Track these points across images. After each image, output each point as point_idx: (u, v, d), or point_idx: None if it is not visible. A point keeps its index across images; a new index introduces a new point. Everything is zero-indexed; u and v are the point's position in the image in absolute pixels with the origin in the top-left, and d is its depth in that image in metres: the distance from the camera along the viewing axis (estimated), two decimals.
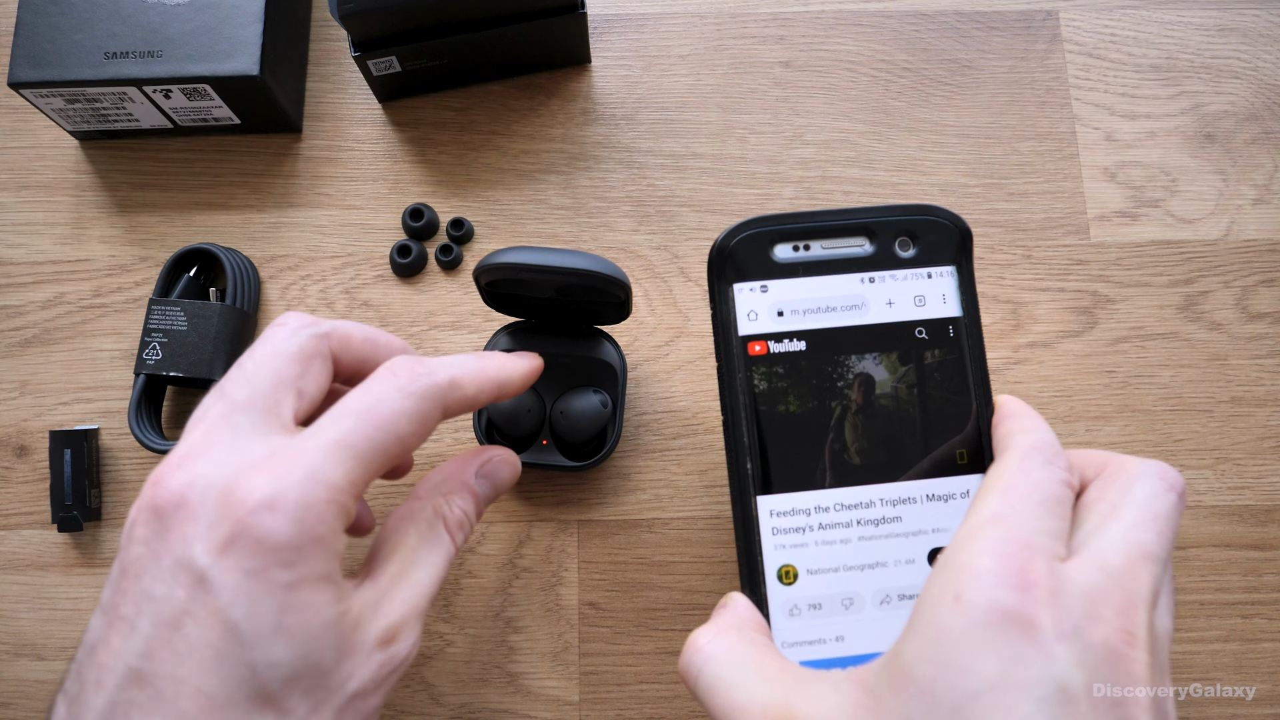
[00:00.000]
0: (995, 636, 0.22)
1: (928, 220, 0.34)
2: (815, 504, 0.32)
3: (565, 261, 0.31)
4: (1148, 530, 0.25)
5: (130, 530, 0.24)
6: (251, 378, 0.26)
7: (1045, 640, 0.22)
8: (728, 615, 0.29)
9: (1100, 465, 0.28)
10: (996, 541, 0.24)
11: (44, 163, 0.42)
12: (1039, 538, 0.24)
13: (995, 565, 0.23)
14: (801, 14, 0.44)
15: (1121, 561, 0.24)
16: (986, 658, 0.22)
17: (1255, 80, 0.43)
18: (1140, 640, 0.23)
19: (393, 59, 0.39)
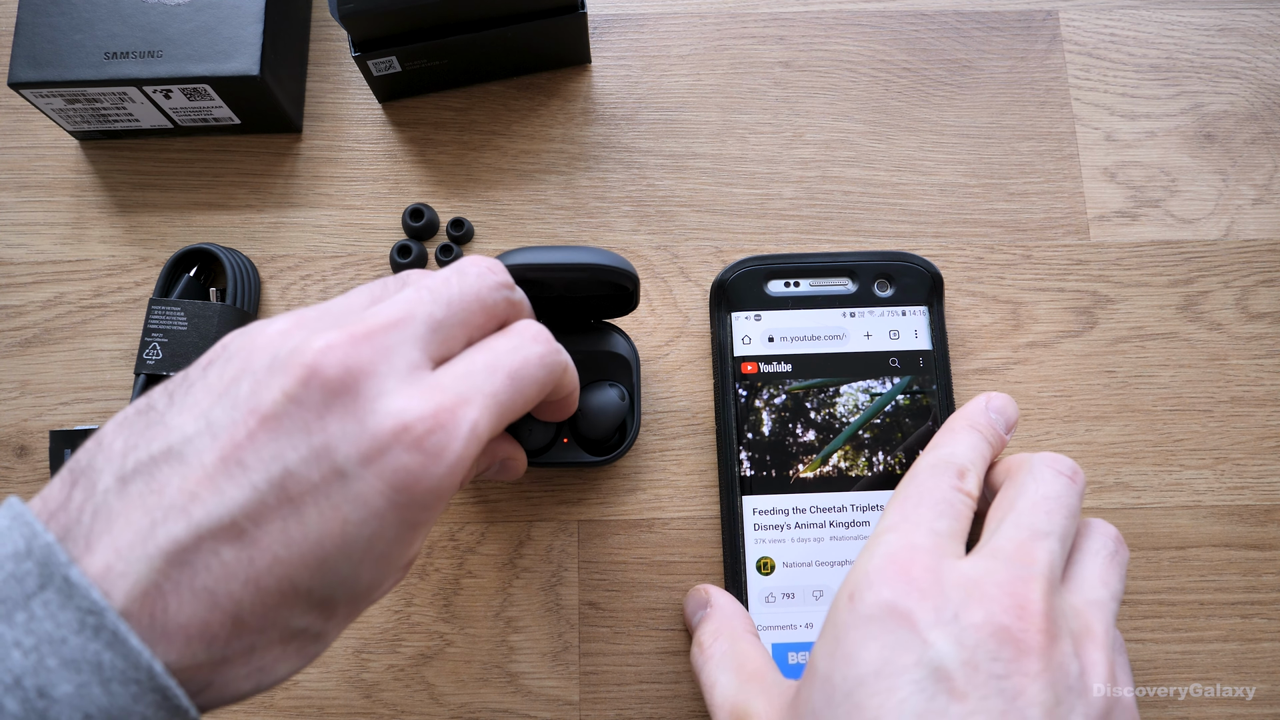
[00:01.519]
0: (879, 628, 0.24)
1: (904, 265, 0.39)
2: (793, 505, 0.36)
3: (573, 258, 0.31)
4: (1037, 512, 0.27)
5: (274, 368, 0.22)
6: (453, 304, 0.25)
7: (922, 627, 0.24)
8: (719, 616, 0.33)
9: (1007, 469, 0.30)
10: (887, 545, 0.26)
11: (44, 163, 0.42)
12: (925, 537, 0.26)
13: (882, 564, 0.25)
14: (801, 14, 0.44)
15: (1012, 546, 0.26)
16: (870, 647, 0.24)
17: (1255, 80, 0.43)
18: (1033, 611, 0.24)
19: (393, 59, 0.39)
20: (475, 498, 0.38)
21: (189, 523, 0.20)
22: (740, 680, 0.29)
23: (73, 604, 0.19)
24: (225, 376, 0.23)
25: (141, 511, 0.21)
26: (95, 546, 0.20)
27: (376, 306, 0.24)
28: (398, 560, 0.23)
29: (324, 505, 0.21)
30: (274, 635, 0.22)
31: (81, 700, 0.19)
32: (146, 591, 0.20)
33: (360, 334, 0.23)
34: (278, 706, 0.36)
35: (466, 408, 0.23)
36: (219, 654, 0.21)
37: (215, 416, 0.22)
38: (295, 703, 0.36)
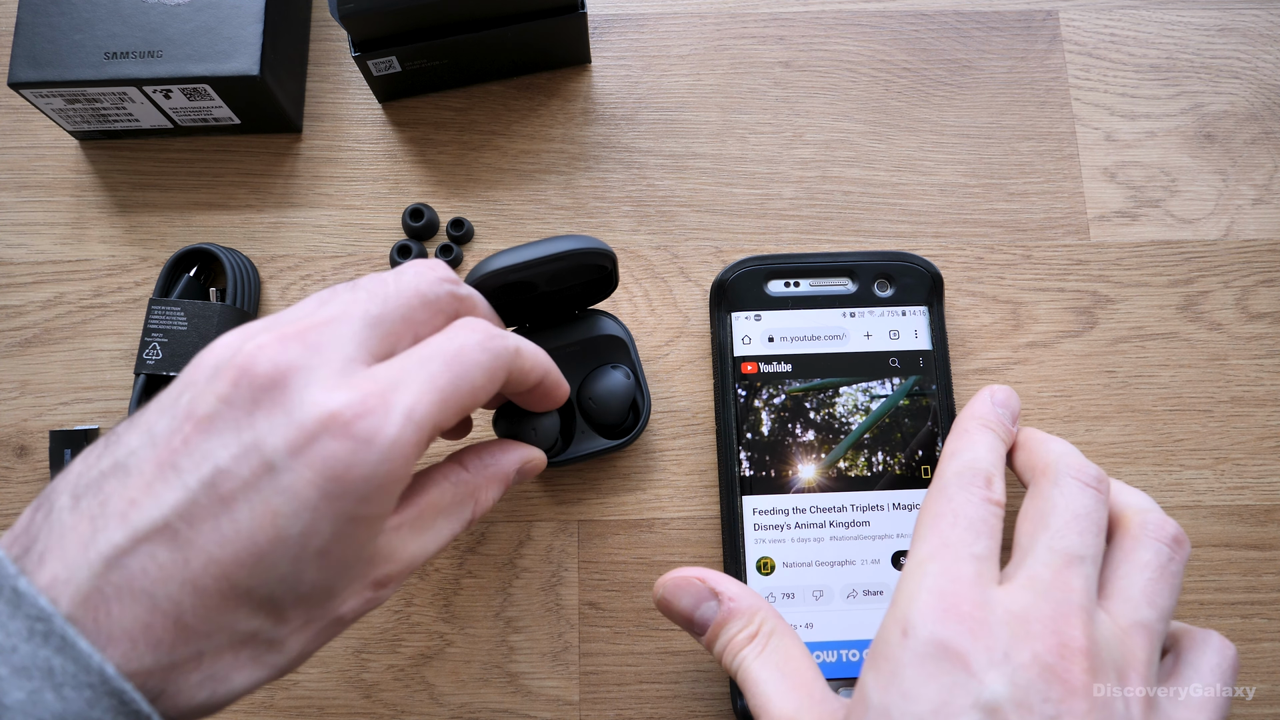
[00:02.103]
0: (935, 667, 0.24)
1: (904, 265, 0.39)
2: (793, 505, 0.36)
3: (549, 249, 0.31)
4: (1069, 534, 0.27)
5: (212, 375, 0.23)
6: (389, 301, 0.25)
7: (978, 668, 0.24)
8: (747, 606, 0.31)
9: (1030, 464, 0.30)
10: (933, 579, 0.26)
11: (44, 163, 0.42)
12: (968, 565, 0.26)
13: (932, 601, 0.25)
14: (801, 14, 0.44)
15: (1049, 575, 0.26)
16: (929, 686, 0.24)
17: (1255, 80, 0.43)
18: (1075, 648, 0.25)
19: (393, 59, 0.39)
20: None
21: (126, 528, 0.21)
22: (788, 686, 0.28)
23: (21, 612, 0.20)
24: (173, 392, 0.23)
25: (88, 523, 0.21)
26: (46, 559, 0.21)
27: (319, 308, 0.25)
28: (345, 559, 0.23)
29: (255, 500, 0.21)
30: (222, 640, 0.22)
31: (34, 706, 0.19)
32: (89, 596, 0.20)
33: (290, 333, 0.23)
34: (278, 706, 0.36)
35: (398, 393, 0.23)
36: (166, 659, 0.21)
37: (157, 428, 0.22)
38: (295, 703, 0.36)
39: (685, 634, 0.37)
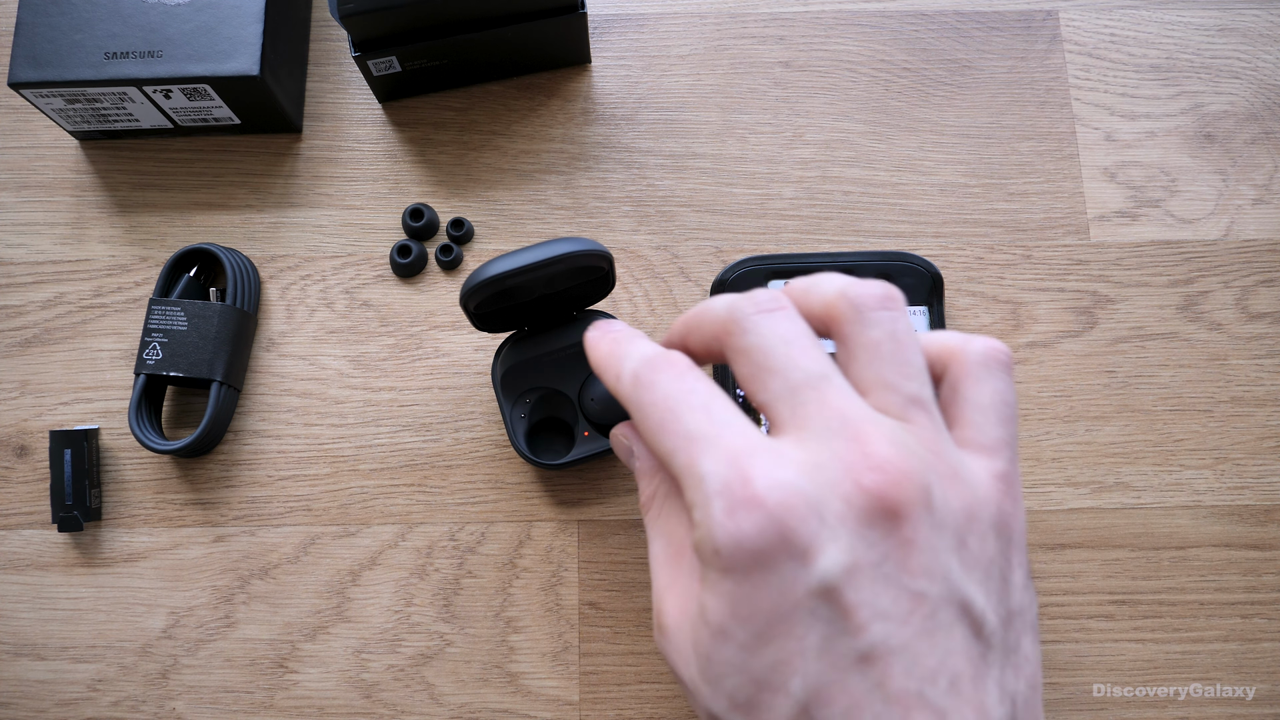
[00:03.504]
0: (759, 578, 0.22)
1: (904, 265, 0.38)
2: None
3: (547, 253, 0.31)
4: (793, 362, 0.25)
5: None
6: None
7: (797, 551, 0.22)
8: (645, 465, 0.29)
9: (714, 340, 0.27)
10: (711, 479, 0.23)
11: (44, 163, 0.42)
12: (734, 440, 0.24)
13: (723, 505, 0.23)
14: (801, 14, 0.44)
15: (811, 408, 0.24)
16: (758, 599, 0.22)
17: (1255, 80, 0.43)
18: (878, 464, 0.22)
19: (393, 59, 0.39)
20: (475, 498, 0.38)
21: None
22: (667, 555, 0.26)
23: None
24: None
25: None
26: None
27: None
28: None
29: None
30: None
31: None
32: None
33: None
34: (278, 707, 0.36)
35: None
36: None
37: None
38: (295, 703, 0.36)
39: None
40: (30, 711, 0.36)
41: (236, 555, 0.38)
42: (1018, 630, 0.23)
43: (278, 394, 0.39)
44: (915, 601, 0.22)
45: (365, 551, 0.38)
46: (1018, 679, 0.23)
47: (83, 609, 0.37)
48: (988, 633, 0.22)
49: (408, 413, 0.39)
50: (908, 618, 0.22)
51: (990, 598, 0.23)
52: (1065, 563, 0.37)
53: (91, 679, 0.37)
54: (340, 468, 0.39)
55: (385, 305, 0.40)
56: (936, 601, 0.22)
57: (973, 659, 0.22)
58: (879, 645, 0.21)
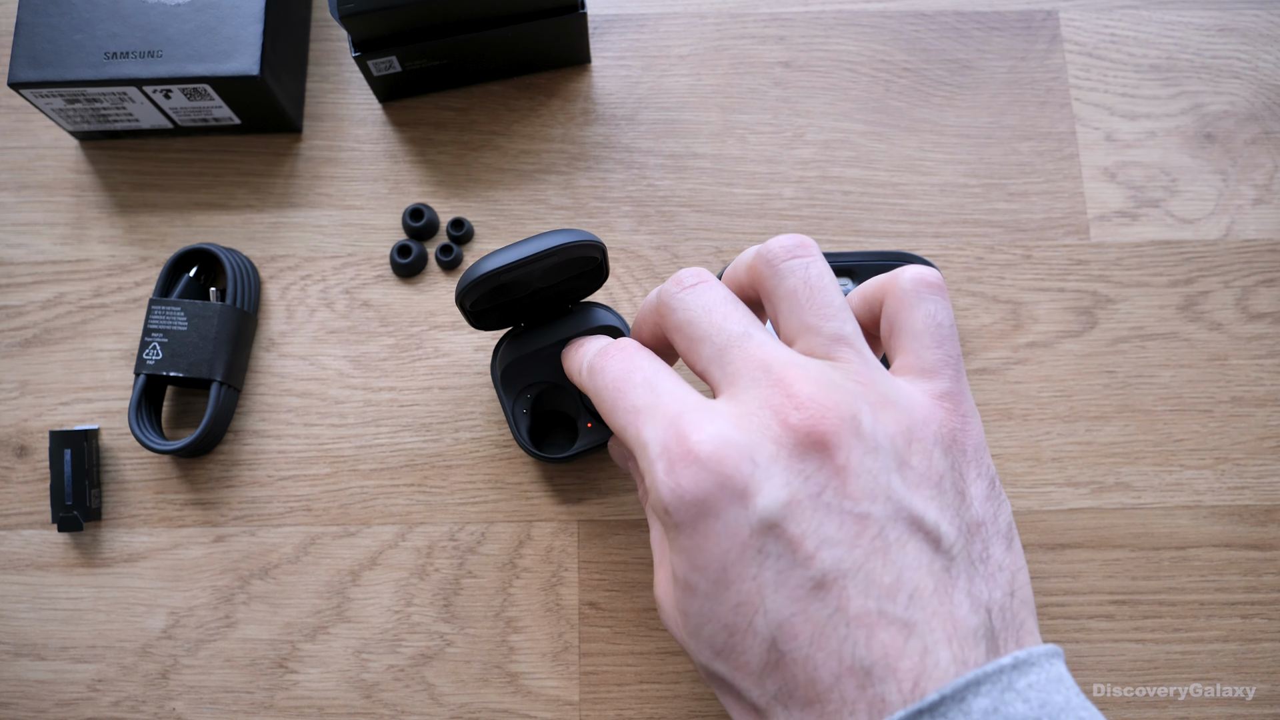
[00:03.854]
0: (705, 527, 0.23)
1: (904, 265, 0.37)
2: None
3: (540, 246, 0.31)
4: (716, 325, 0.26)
5: None
6: None
7: (737, 494, 0.23)
8: None
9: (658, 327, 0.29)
10: (653, 444, 0.24)
11: (44, 163, 0.42)
12: (672, 405, 0.25)
13: (664, 466, 0.24)
14: (801, 14, 0.44)
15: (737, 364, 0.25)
16: (710, 549, 0.23)
17: (1255, 80, 0.43)
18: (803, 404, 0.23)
19: (393, 59, 0.39)
20: (475, 498, 0.38)
21: None
22: (658, 538, 0.28)
23: None
24: None
25: None
26: None
27: None
28: None
29: None
30: None
31: None
32: None
33: None
34: (278, 707, 0.36)
35: None
36: None
37: None
38: (295, 703, 0.36)
39: None
40: (30, 711, 0.36)
41: (236, 555, 0.38)
42: (984, 540, 0.24)
43: (278, 394, 0.39)
44: (860, 524, 0.22)
45: (365, 551, 0.38)
46: (991, 587, 0.23)
47: (83, 609, 0.37)
48: (946, 545, 0.23)
49: (408, 413, 0.39)
50: (855, 540, 0.22)
51: (945, 511, 0.23)
52: (1065, 563, 0.37)
53: (91, 679, 0.37)
54: (340, 468, 0.39)
55: (385, 305, 0.40)
56: (883, 521, 0.22)
57: (934, 572, 0.22)
58: (831, 570, 0.22)
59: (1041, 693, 0.21)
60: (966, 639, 0.22)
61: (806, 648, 0.22)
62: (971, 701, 0.20)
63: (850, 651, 0.21)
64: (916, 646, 0.21)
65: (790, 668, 0.22)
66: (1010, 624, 0.23)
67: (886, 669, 0.21)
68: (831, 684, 0.21)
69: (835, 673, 0.21)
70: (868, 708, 0.21)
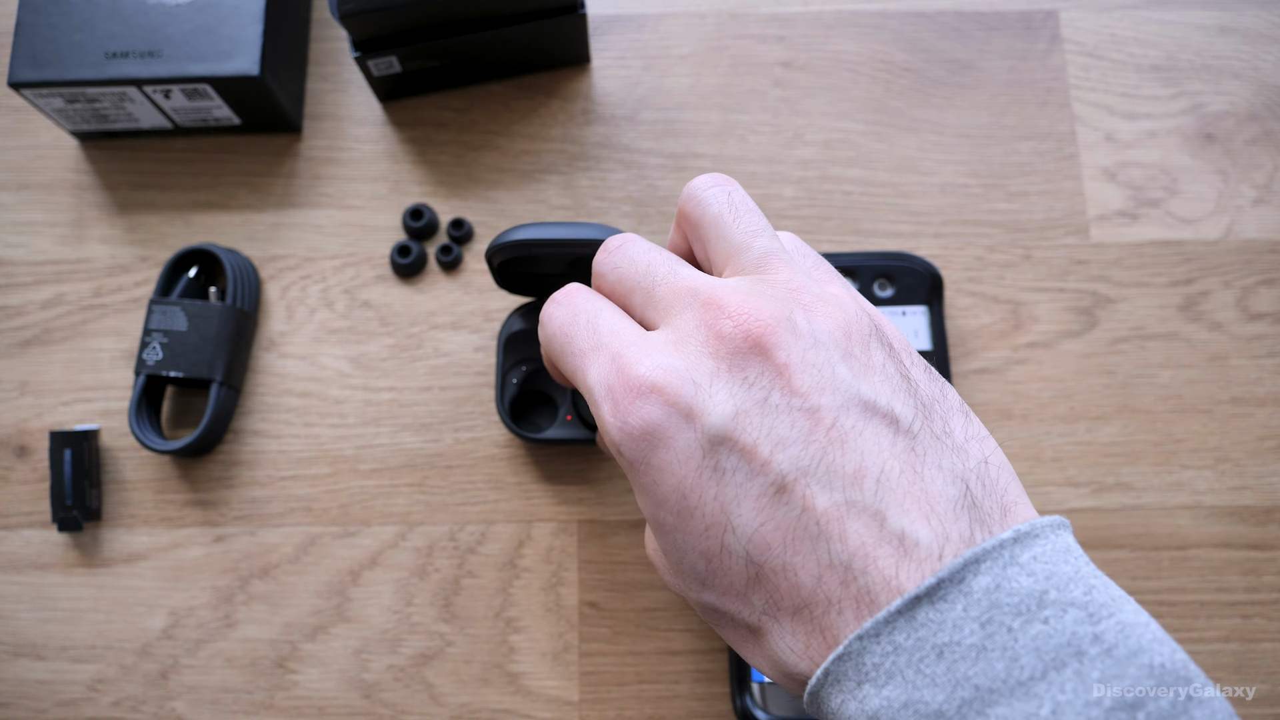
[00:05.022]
0: (655, 458, 0.23)
1: (904, 265, 0.38)
2: None
3: (577, 234, 0.31)
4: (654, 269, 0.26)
5: None
6: None
7: (684, 415, 0.22)
8: None
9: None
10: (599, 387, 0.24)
11: (44, 163, 0.42)
12: (614, 344, 0.24)
13: (610, 407, 0.23)
14: (801, 14, 0.44)
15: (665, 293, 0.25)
16: (665, 477, 0.23)
17: (1255, 80, 0.43)
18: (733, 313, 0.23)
19: (393, 59, 0.39)
20: (475, 498, 0.38)
21: None
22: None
23: None
24: None
25: None
26: None
27: None
28: None
29: None
30: None
31: None
32: None
33: None
34: (278, 707, 0.36)
35: None
36: None
37: None
38: (295, 703, 0.36)
39: (685, 634, 0.37)
40: (30, 711, 0.36)
41: (236, 555, 0.38)
42: (942, 416, 0.23)
43: (278, 394, 0.39)
44: (812, 418, 0.22)
45: (365, 551, 0.38)
46: (963, 458, 0.22)
47: (83, 609, 0.37)
48: (905, 424, 0.22)
49: (408, 413, 0.39)
50: (810, 435, 0.22)
51: (896, 394, 0.23)
52: None
53: (91, 679, 0.37)
54: (340, 468, 0.39)
55: (385, 305, 0.40)
56: (835, 411, 0.22)
57: (897, 453, 0.22)
58: (790, 471, 0.21)
59: (1047, 564, 0.20)
60: (946, 514, 0.21)
61: (781, 554, 0.21)
62: (971, 581, 0.20)
63: (826, 549, 0.21)
64: (892, 530, 0.21)
65: (771, 578, 0.22)
66: (992, 490, 0.22)
67: (865, 559, 0.21)
68: (814, 586, 0.21)
69: (815, 574, 0.21)
70: (854, 603, 0.21)
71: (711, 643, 0.37)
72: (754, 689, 0.35)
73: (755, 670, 0.35)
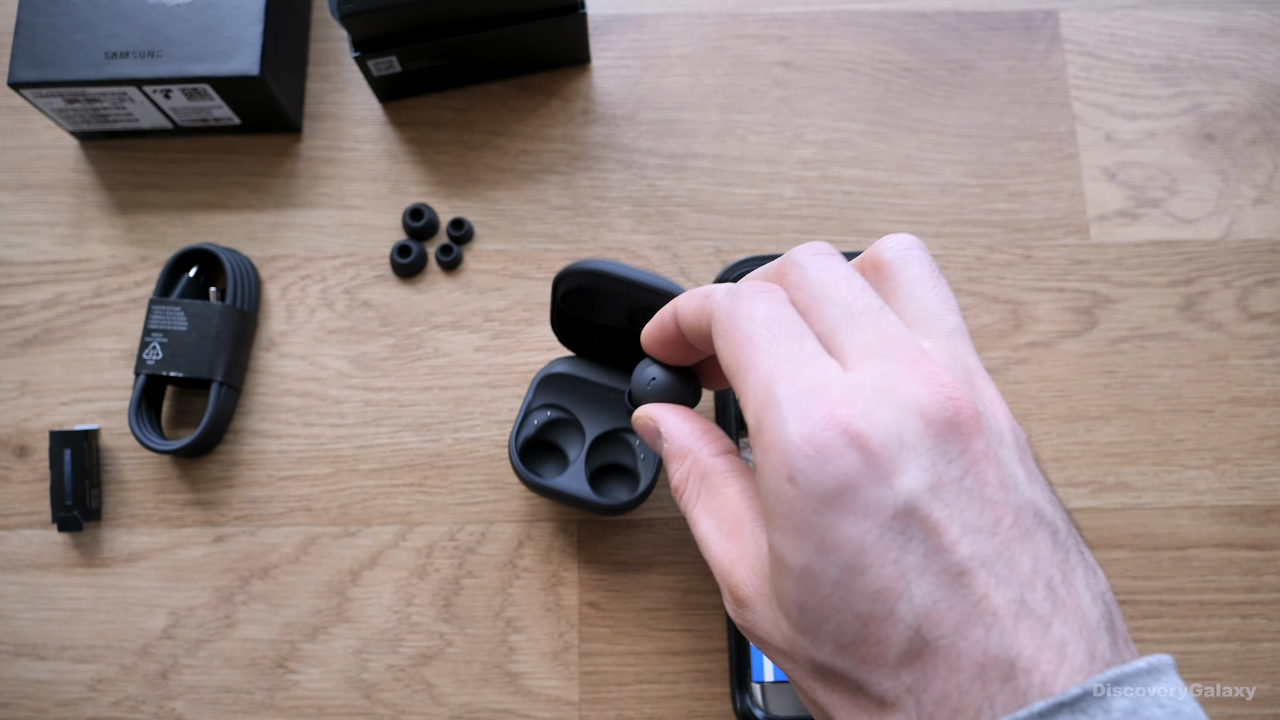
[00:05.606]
0: (839, 503, 0.22)
1: None
2: None
3: (651, 281, 0.30)
4: (851, 295, 0.25)
5: None
6: None
7: (881, 475, 0.22)
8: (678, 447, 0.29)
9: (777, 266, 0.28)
10: (788, 403, 0.23)
11: (44, 163, 0.42)
12: (813, 370, 0.23)
13: (802, 430, 0.22)
14: (801, 14, 0.44)
15: (872, 335, 0.24)
16: (841, 528, 0.22)
17: (1255, 80, 0.43)
18: (942, 385, 0.23)
19: (393, 59, 0.39)
20: (475, 498, 0.38)
21: None
22: (723, 532, 0.27)
23: None
24: None
25: None
26: None
27: None
28: None
29: None
30: None
31: None
32: None
33: None
34: (278, 707, 0.36)
35: None
36: None
37: None
38: (295, 703, 0.36)
39: (685, 634, 0.37)
40: (30, 711, 0.36)
41: (236, 555, 0.38)
42: (1077, 535, 0.24)
43: (278, 394, 0.39)
44: (998, 511, 0.22)
45: (365, 551, 0.38)
46: (1098, 580, 0.23)
47: (83, 609, 0.37)
48: (1062, 538, 0.23)
49: (408, 413, 0.39)
50: (995, 528, 0.22)
51: (1054, 505, 0.23)
52: None
53: (91, 679, 0.37)
54: (340, 468, 0.39)
55: (385, 305, 0.40)
56: (1017, 510, 0.22)
57: (1058, 564, 0.22)
58: (972, 558, 0.21)
59: (1174, 702, 0.21)
60: (1094, 632, 0.21)
61: (951, 635, 0.21)
62: (1112, 701, 0.20)
63: (996, 641, 0.21)
64: (1056, 638, 0.21)
65: (932, 657, 0.21)
66: (1119, 615, 0.23)
67: (1031, 660, 0.21)
68: (974, 674, 0.21)
69: (979, 663, 0.21)
70: (1007, 700, 0.21)
71: (711, 643, 0.37)
72: (754, 689, 0.35)
73: (756, 670, 0.35)
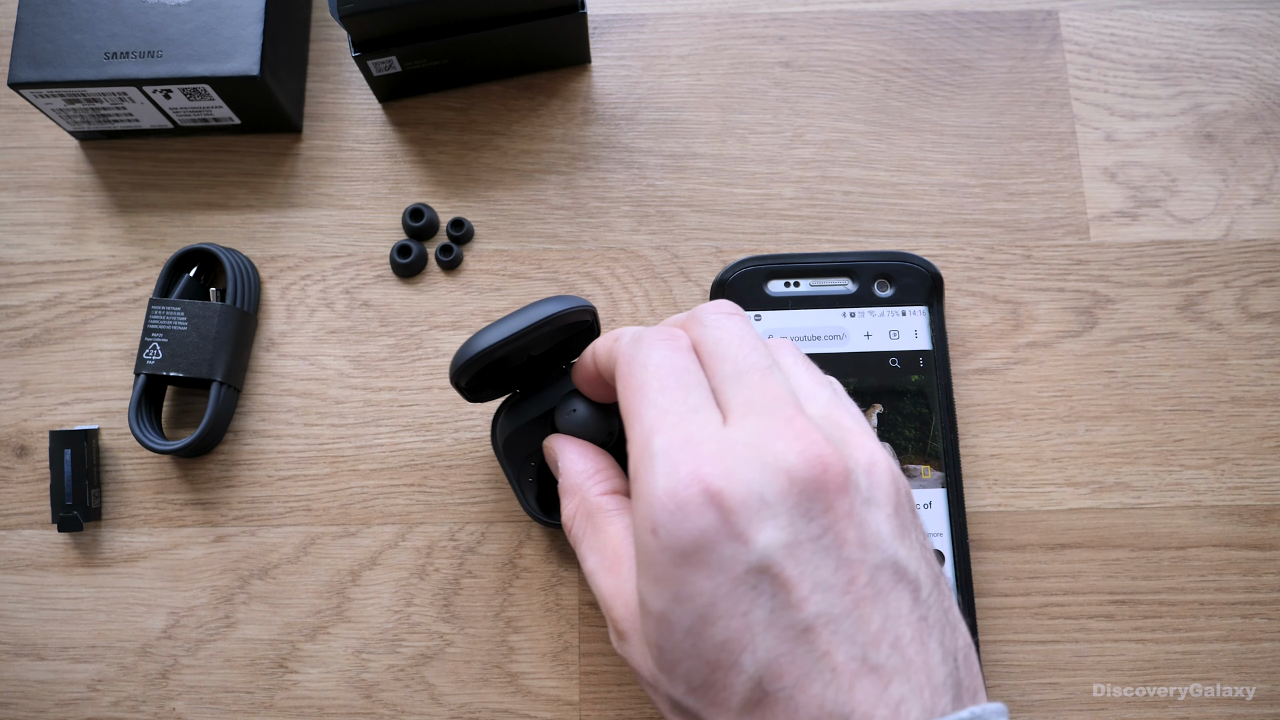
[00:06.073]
0: (696, 558, 0.23)
1: (904, 265, 0.39)
2: None
3: (533, 317, 0.31)
4: (744, 353, 0.26)
5: None
6: None
7: (738, 531, 0.22)
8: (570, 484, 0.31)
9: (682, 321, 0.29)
10: (661, 456, 0.24)
11: (44, 163, 0.42)
12: (690, 425, 0.24)
13: (668, 485, 0.23)
14: (801, 14, 0.44)
15: (757, 394, 0.25)
16: (696, 580, 0.23)
17: (1255, 80, 0.43)
18: (818, 443, 0.23)
19: (393, 59, 0.39)
20: (475, 498, 0.38)
21: None
22: (605, 568, 0.28)
23: None
24: None
25: None
26: None
27: None
28: None
29: None
30: None
31: None
32: None
33: None
34: (278, 707, 0.36)
35: None
36: None
37: None
38: (295, 703, 0.36)
39: None
40: (30, 711, 0.36)
41: (236, 555, 0.38)
42: (944, 591, 0.24)
43: (278, 394, 0.39)
44: (852, 570, 0.23)
45: (365, 551, 0.38)
46: (956, 638, 0.24)
47: (83, 609, 0.37)
48: (924, 595, 0.23)
49: (408, 413, 0.39)
50: (848, 587, 0.22)
51: (920, 563, 0.24)
52: (1065, 563, 0.37)
53: (91, 679, 0.37)
54: (340, 468, 0.39)
55: (385, 305, 0.40)
56: (874, 569, 0.23)
57: (913, 622, 0.23)
58: (821, 615, 0.22)
59: None
60: (938, 688, 0.22)
61: (791, 689, 0.22)
62: None
63: (833, 697, 0.22)
64: (894, 696, 0.22)
65: (772, 707, 0.22)
66: (969, 672, 0.24)
67: (865, 717, 0.22)
68: None
69: (815, 717, 0.22)
70: None
71: None
72: None
73: None
